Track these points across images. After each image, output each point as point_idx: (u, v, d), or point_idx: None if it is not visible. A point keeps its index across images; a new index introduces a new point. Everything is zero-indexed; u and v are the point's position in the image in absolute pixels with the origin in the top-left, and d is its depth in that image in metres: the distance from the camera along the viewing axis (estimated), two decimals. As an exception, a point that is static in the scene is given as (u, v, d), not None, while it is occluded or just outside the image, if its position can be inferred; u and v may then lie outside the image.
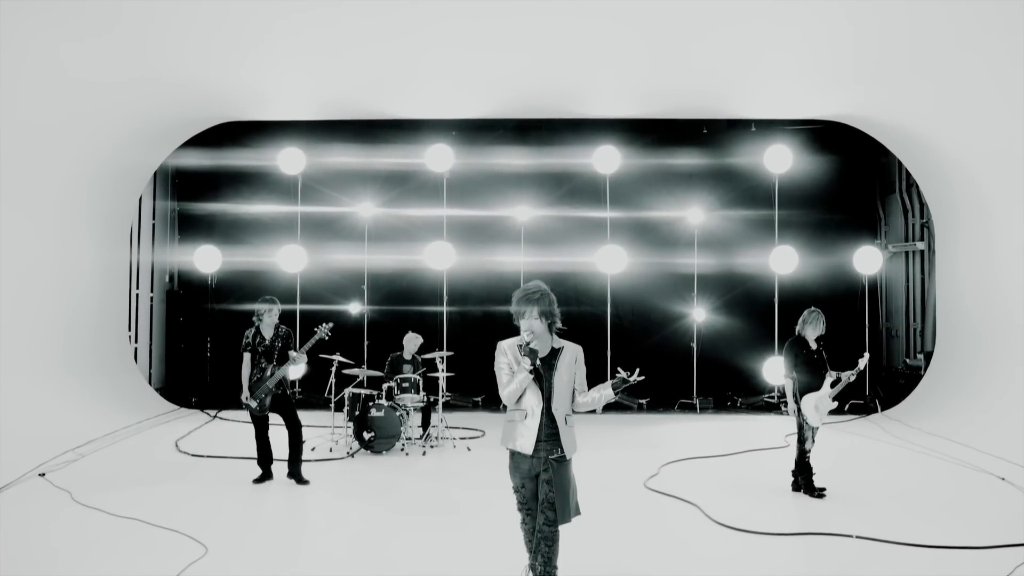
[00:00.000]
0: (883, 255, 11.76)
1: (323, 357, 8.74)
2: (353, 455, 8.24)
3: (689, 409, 11.38)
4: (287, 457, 7.08)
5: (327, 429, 9.31)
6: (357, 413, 8.34)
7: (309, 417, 9.16)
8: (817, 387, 6.60)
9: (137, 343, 11.36)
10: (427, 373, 9.16)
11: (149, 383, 11.35)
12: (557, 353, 4.07)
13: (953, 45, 7.69)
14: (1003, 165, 8.62)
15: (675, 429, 10.10)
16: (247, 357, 6.98)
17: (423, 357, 9.16)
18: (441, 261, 11.54)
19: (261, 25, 7.73)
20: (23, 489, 6.76)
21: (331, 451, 8.43)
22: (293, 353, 6.93)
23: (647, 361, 4.02)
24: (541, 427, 3.99)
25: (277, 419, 7.04)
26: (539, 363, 3.96)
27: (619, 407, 11.19)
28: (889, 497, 6.71)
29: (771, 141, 11.44)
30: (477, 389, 11.42)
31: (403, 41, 8.19)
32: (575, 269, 11.54)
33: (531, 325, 3.98)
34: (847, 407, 10.82)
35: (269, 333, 7.02)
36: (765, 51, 8.47)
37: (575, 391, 4.11)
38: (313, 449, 8.40)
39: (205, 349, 11.86)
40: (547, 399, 4.00)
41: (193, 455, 8.24)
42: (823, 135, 11.52)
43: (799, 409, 6.64)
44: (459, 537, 5.62)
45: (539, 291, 4.03)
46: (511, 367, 4.02)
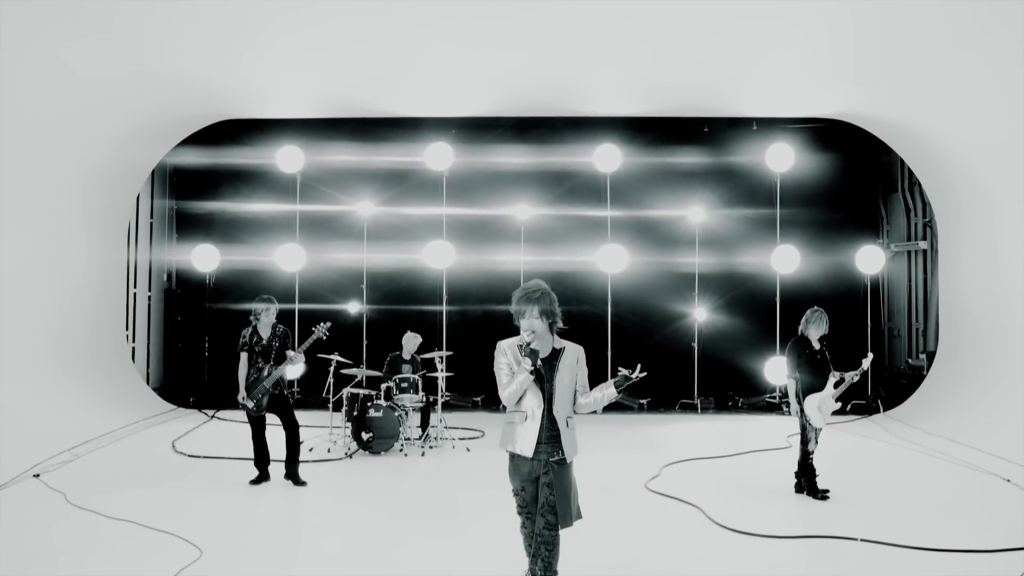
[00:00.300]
0: (885, 254, 11.69)
1: (321, 357, 8.68)
2: (351, 456, 8.18)
3: (690, 409, 11.32)
4: (284, 458, 7.02)
5: (325, 429, 9.24)
6: (355, 413, 8.28)
7: (307, 417, 9.11)
8: (820, 388, 6.53)
9: (135, 342, 11.29)
10: (426, 373, 9.09)
11: (147, 383, 11.27)
12: (558, 354, 3.99)
13: (956, 43, 7.64)
14: (1007, 163, 8.55)
15: (676, 429, 10.04)
16: (244, 357, 6.93)
17: (422, 357, 9.10)
18: (440, 260, 11.47)
19: (260, 22, 7.67)
20: (17, 490, 6.69)
21: (329, 452, 8.37)
22: (291, 353, 6.87)
23: (648, 361, 3.96)
24: (542, 429, 3.91)
25: (275, 419, 6.99)
26: (540, 364, 3.88)
27: (619, 407, 11.12)
28: (893, 499, 6.64)
29: (773, 140, 11.36)
30: (477, 389, 11.35)
31: (402, 38, 8.14)
32: (575, 268, 11.46)
33: (532, 324, 3.90)
34: (849, 407, 10.75)
35: (266, 333, 6.96)
36: (767, 49, 8.42)
37: (576, 392, 4.03)
38: (311, 450, 8.34)
39: (203, 348, 11.80)
40: (548, 401, 3.92)
41: (190, 456, 8.17)
42: (825, 134, 11.45)
43: (802, 410, 6.56)
44: (458, 541, 5.55)
45: (539, 290, 3.95)
46: (511, 367, 3.94)
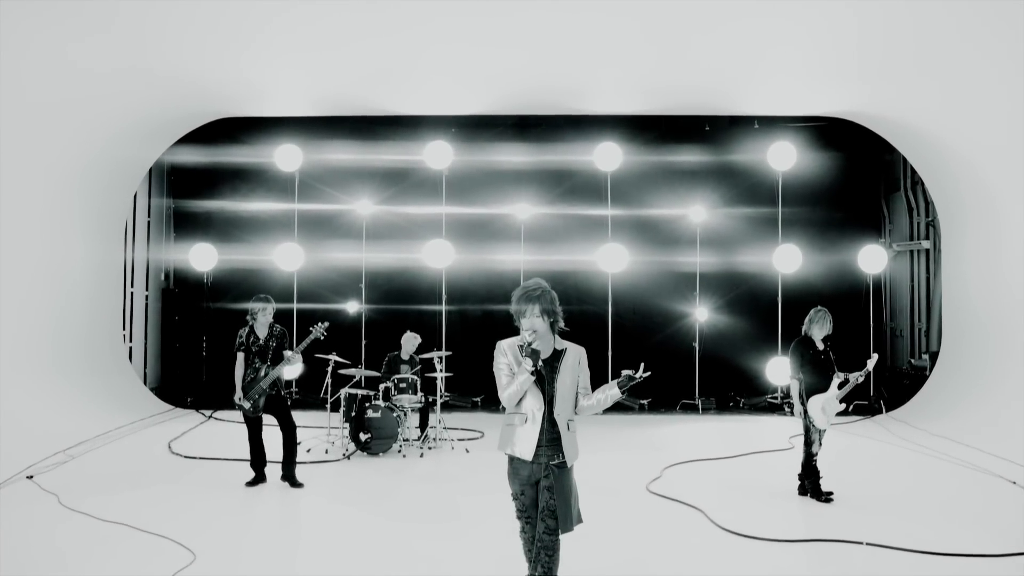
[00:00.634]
0: (887, 254, 11.61)
1: (319, 357, 8.60)
2: (349, 457, 8.09)
3: (691, 410, 11.24)
4: (281, 459, 6.94)
5: (323, 430, 9.16)
6: (353, 414, 8.20)
7: (304, 418, 9.04)
8: (824, 388, 6.44)
9: (132, 342, 11.20)
10: (425, 373, 9.01)
11: (144, 383, 11.20)
12: (560, 355, 3.89)
13: (959, 40, 7.57)
14: (1012, 162, 8.47)
15: (677, 430, 9.96)
16: (240, 357, 6.86)
17: (421, 357, 9.01)
18: (440, 259, 11.39)
19: (258, 19, 7.61)
20: (9, 492, 6.60)
21: (327, 453, 8.28)
22: (288, 353, 6.79)
23: (649, 361, 3.87)
24: (542, 432, 3.81)
25: (272, 420, 6.91)
26: (541, 365, 3.79)
27: (620, 407, 11.03)
28: (898, 502, 6.56)
29: (774, 138, 11.28)
30: (476, 389, 11.27)
31: (402, 36, 8.08)
32: (576, 268, 11.38)
33: (533, 324, 3.80)
34: (851, 408, 10.67)
35: (263, 332, 6.88)
36: (769, 47, 8.35)
37: (578, 395, 3.94)
38: (308, 451, 8.25)
39: (201, 348, 11.72)
40: (549, 403, 3.83)
41: (186, 457, 8.08)
42: (827, 132, 11.37)
43: (806, 411, 6.48)
44: (457, 544, 5.46)
45: (540, 288, 3.86)
46: (511, 368, 3.84)
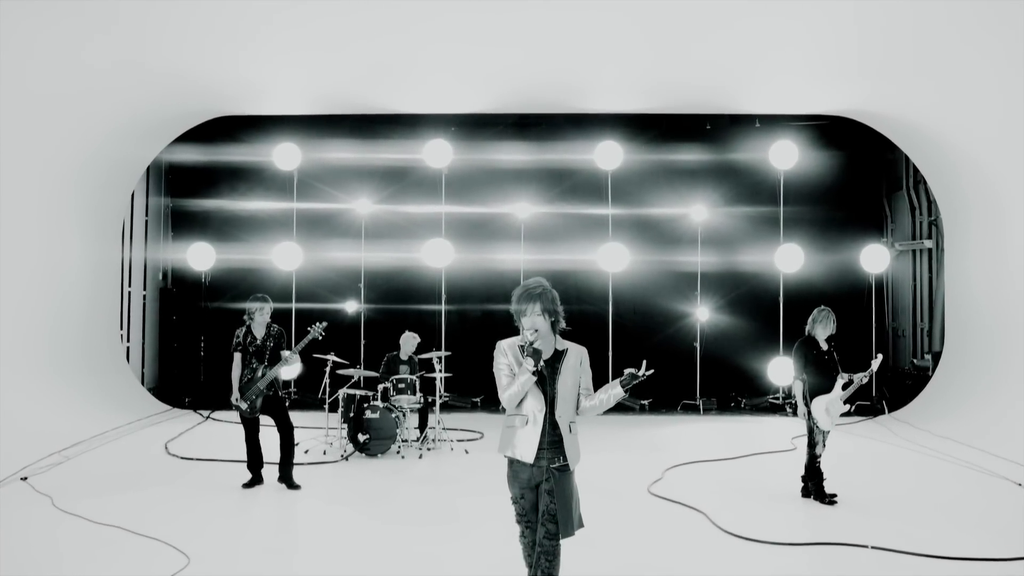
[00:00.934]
0: (890, 253, 11.54)
1: (317, 357, 8.53)
2: (347, 458, 8.02)
3: (692, 410, 11.18)
4: (278, 460, 6.86)
5: (321, 431, 9.08)
6: (352, 415, 8.13)
7: (302, 418, 8.97)
8: (828, 389, 6.36)
9: (129, 342, 11.12)
10: (424, 373, 8.94)
11: (141, 383, 11.13)
12: (561, 355, 3.81)
13: (961, 39, 7.52)
14: (1015, 160, 8.41)
15: (678, 431, 9.89)
16: (238, 357, 6.79)
17: (420, 357, 8.94)
18: (439, 259, 11.31)
19: (257, 17, 7.57)
20: (2, 495, 6.51)
21: (325, 454, 8.21)
22: (285, 353, 6.71)
23: (650, 361, 3.78)
24: (543, 434, 3.72)
25: (269, 421, 6.83)
26: (543, 365, 3.71)
27: (621, 408, 10.94)
28: (902, 504, 6.48)
29: (776, 137, 11.21)
30: (476, 390, 11.20)
31: (401, 34, 8.03)
32: (576, 267, 11.31)
33: (534, 323, 3.71)
34: (853, 408, 10.56)
35: (260, 332, 6.81)
36: (770, 45, 8.30)
37: (580, 396, 3.86)
38: (306, 452, 8.17)
39: (199, 348, 11.65)
40: (550, 404, 3.75)
41: (182, 458, 8.00)
42: (829, 131, 11.30)
43: (809, 412, 6.40)
44: (456, 548, 5.38)
45: (541, 287, 3.77)
46: (512, 368, 3.76)
